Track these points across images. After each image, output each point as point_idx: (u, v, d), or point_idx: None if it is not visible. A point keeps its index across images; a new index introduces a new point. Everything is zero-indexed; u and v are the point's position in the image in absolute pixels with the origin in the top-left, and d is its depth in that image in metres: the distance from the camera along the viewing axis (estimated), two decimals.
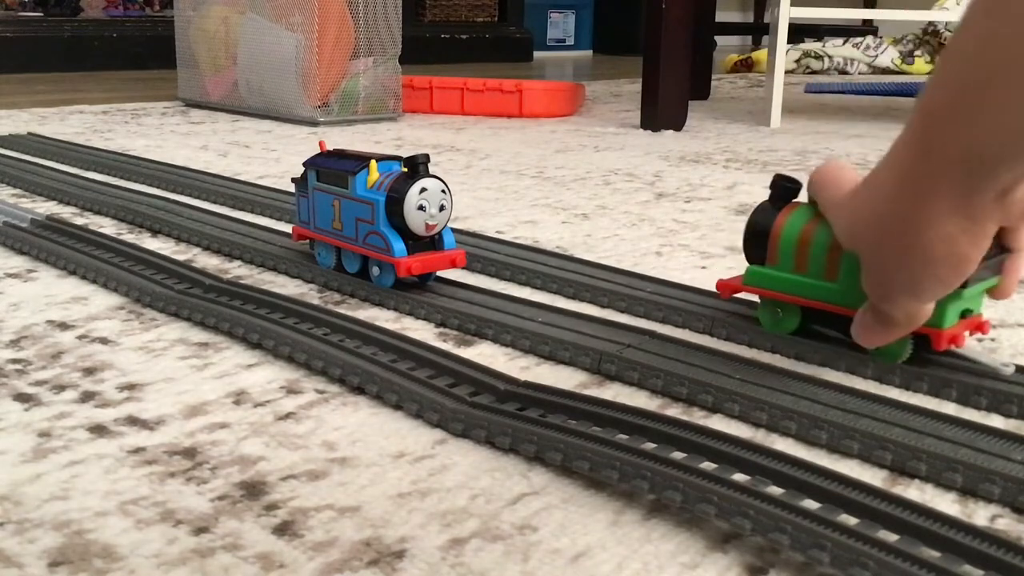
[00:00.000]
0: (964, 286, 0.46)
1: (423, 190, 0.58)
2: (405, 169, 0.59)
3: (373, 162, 0.61)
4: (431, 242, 0.60)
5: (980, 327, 0.50)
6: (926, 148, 0.39)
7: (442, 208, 0.59)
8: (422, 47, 2.77)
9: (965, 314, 0.48)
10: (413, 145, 1.32)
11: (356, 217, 0.61)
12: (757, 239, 0.53)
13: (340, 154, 0.64)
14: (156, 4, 2.88)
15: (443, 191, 0.59)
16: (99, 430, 0.42)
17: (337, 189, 0.62)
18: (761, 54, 2.77)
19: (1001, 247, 0.46)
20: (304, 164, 0.65)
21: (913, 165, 0.40)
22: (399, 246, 0.59)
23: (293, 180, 0.67)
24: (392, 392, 0.45)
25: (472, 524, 0.35)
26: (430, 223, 0.59)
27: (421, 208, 0.58)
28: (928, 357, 0.49)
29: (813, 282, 0.51)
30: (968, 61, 0.37)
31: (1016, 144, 0.37)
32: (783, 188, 0.53)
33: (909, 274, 0.42)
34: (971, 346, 0.49)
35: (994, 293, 0.48)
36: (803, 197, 0.53)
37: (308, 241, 0.67)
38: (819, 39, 2.90)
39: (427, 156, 0.59)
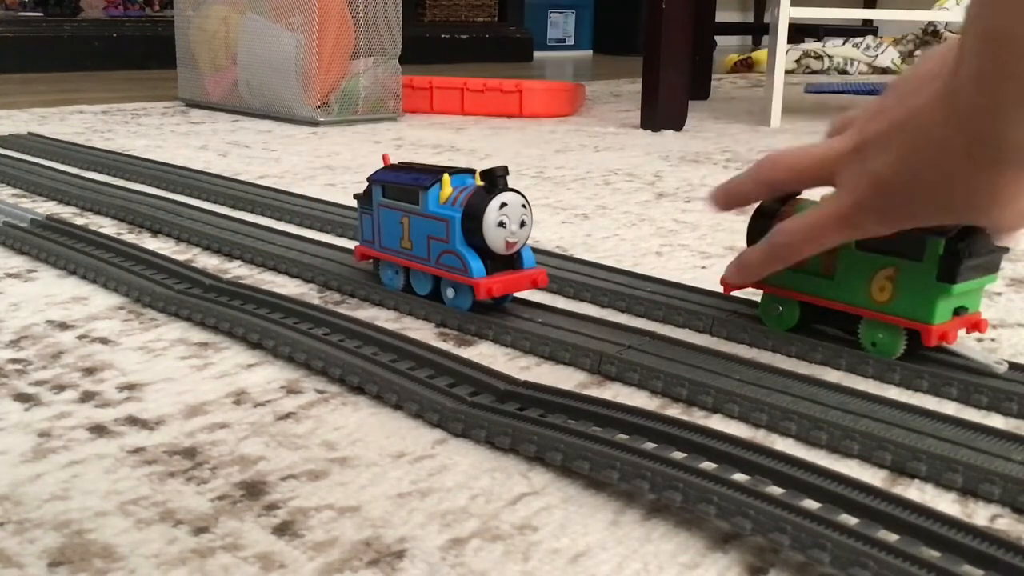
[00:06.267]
0: (953, 282, 0.46)
1: (503, 205, 0.54)
2: (482, 183, 0.55)
3: (446, 175, 0.57)
4: (509, 260, 0.57)
5: (977, 326, 0.49)
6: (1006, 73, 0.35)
7: (523, 224, 0.55)
8: (422, 47, 2.77)
9: (959, 311, 0.48)
10: (413, 145, 1.32)
11: (428, 235, 0.57)
12: (760, 232, 0.52)
13: (407, 167, 0.60)
14: (156, 4, 2.88)
15: (523, 205, 0.55)
16: (99, 430, 0.42)
17: (406, 205, 0.58)
18: (761, 54, 2.77)
19: (995, 246, 0.46)
20: (368, 179, 0.61)
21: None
22: (478, 266, 0.55)
23: (356, 196, 0.63)
24: (392, 392, 0.45)
25: (472, 524, 0.35)
26: (511, 240, 0.55)
27: (501, 225, 0.54)
28: (927, 355, 0.49)
29: (811, 277, 0.51)
30: None
31: None
32: None
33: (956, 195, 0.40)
34: (966, 344, 0.49)
35: None
36: (806, 194, 0.52)
37: (371, 261, 0.63)
38: (819, 39, 2.90)
39: (506, 168, 0.55)
